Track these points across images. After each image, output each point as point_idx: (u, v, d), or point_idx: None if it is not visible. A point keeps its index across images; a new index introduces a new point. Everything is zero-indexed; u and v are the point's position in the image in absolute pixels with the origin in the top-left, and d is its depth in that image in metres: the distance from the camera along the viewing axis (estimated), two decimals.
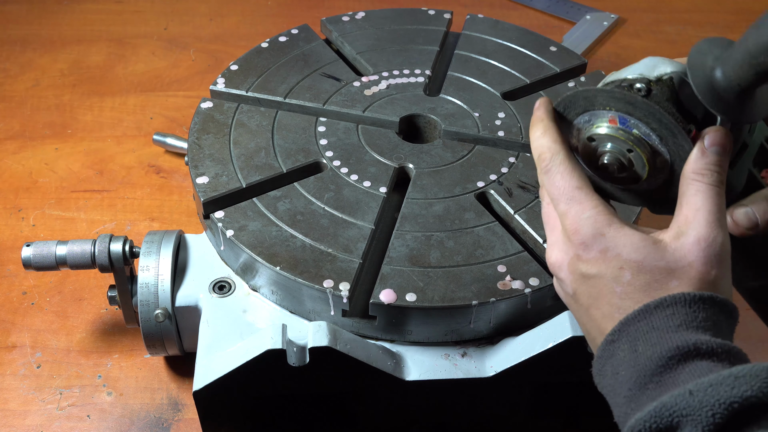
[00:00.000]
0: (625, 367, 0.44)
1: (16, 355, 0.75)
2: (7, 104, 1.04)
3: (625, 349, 0.44)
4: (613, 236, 0.47)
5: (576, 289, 0.48)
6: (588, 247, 0.47)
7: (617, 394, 0.44)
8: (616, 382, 0.44)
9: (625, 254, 0.46)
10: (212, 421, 0.63)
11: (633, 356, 0.43)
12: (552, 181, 0.50)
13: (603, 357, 0.45)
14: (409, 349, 0.63)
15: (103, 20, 1.21)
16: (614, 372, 0.44)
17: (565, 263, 0.49)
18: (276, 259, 0.63)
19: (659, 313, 0.44)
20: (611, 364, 0.45)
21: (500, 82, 0.83)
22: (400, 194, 0.71)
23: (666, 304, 0.44)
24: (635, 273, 0.45)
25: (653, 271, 0.45)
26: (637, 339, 0.44)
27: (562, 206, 0.49)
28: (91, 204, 0.90)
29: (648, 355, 0.43)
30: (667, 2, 1.29)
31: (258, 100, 0.79)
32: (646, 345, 0.43)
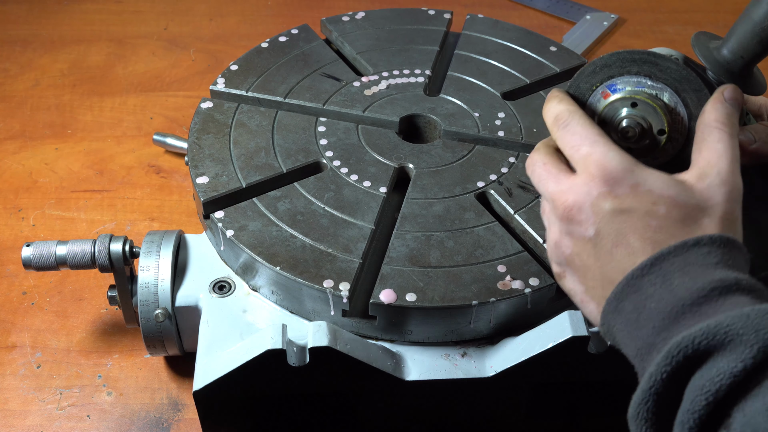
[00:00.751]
0: (656, 300, 0.43)
1: (16, 355, 0.75)
2: (7, 104, 1.04)
3: (656, 283, 0.43)
4: (642, 173, 0.47)
5: (600, 229, 0.47)
6: (618, 182, 0.47)
7: (640, 327, 0.43)
8: (640, 316, 0.43)
9: (657, 189, 0.46)
10: (212, 421, 0.63)
11: (667, 289, 0.43)
12: (573, 131, 0.50)
13: (625, 292, 0.45)
14: (409, 349, 0.63)
15: (103, 20, 1.21)
16: (638, 307, 0.44)
17: (587, 203, 0.48)
18: (276, 259, 0.63)
19: (697, 250, 0.44)
20: (633, 299, 0.44)
21: (500, 82, 0.83)
22: (400, 194, 0.71)
23: (704, 242, 0.44)
24: (669, 207, 0.46)
25: (686, 206, 0.46)
26: (672, 273, 0.43)
27: (584, 149, 0.49)
28: (91, 204, 0.90)
29: (687, 286, 0.42)
30: (667, 2, 1.29)
31: (258, 100, 0.79)
32: (684, 278, 0.43)
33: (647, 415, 0.41)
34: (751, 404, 0.37)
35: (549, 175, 0.51)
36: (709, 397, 0.38)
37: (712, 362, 0.39)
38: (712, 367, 0.38)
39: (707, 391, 0.38)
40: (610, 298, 0.46)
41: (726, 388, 0.38)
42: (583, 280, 0.49)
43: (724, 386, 0.38)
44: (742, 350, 0.38)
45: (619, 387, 0.65)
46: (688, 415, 0.39)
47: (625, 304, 0.45)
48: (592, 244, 0.48)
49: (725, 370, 0.38)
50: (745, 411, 0.37)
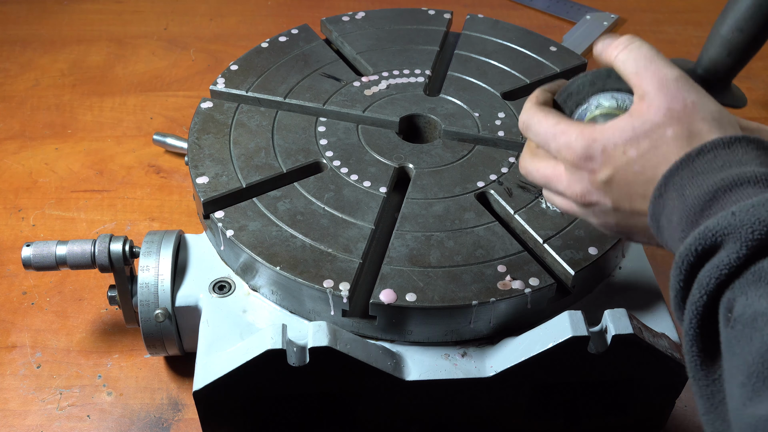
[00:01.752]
0: (677, 213, 0.45)
1: (16, 355, 0.75)
2: (7, 104, 1.04)
3: (673, 197, 0.46)
4: (602, 134, 0.49)
5: (612, 197, 0.50)
6: (591, 157, 0.50)
7: (674, 239, 0.46)
8: (671, 229, 0.46)
9: (619, 140, 0.49)
10: (212, 421, 0.64)
11: (681, 201, 0.45)
12: (535, 131, 0.54)
13: (655, 214, 0.47)
14: (409, 349, 0.63)
15: (103, 20, 1.21)
16: (668, 221, 0.46)
17: (588, 186, 0.51)
18: (276, 259, 0.63)
19: (700, 159, 0.45)
20: (665, 216, 0.47)
21: (500, 82, 0.83)
22: (400, 194, 0.71)
23: (706, 149, 0.46)
24: (636, 145, 0.48)
25: (646, 133, 0.48)
26: (683, 186, 0.45)
27: (552, 145, 0.52)
28: (91, 204, 0.90)
29: (696, 194, 0.44)
30: (667, 2, 1.29)
31: (258, 100, 0.79)
32: (693, 188, 0.45)
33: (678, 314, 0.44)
34: (752, 290, 0.39)
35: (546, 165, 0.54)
36: (702, 290, 0.41)
37: (709, 262, 0.42)
38: (707, 265, 0.42)
39: (701, 285, 0.41)
40: (649, 223, 0.49)
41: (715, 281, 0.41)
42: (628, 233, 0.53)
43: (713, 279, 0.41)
44: (731, 246, 0.40)
45: (619, 387, 0.66)
46: (690, 306, 0.42)
47: (662, 222, 0.47)
48: (615, 211, 0.51)
49: (714, 265, 0.41)
50: (747, 295, 0.39)
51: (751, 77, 1.12)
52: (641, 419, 0.68)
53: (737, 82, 1.09)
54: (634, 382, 0.65)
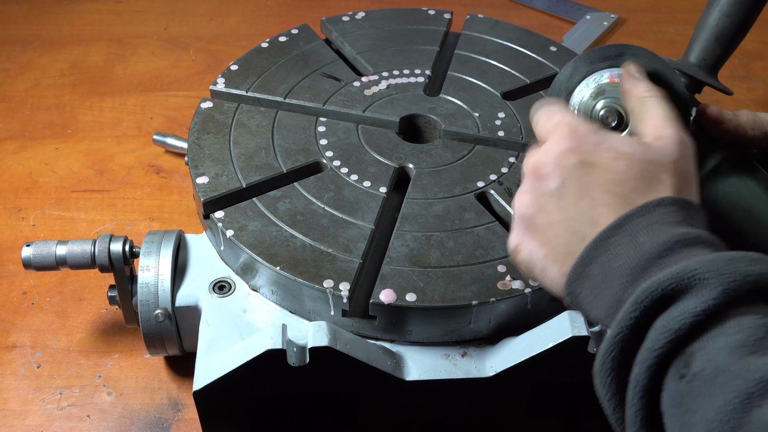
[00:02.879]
0: (623, 258, 0.44)
1: (16, 355, 0.75)
2: (7, 104, 1.04)
3: (623, 242, 0.45)
4: (605, 133, 0.50)
5: (565, 180, 0.49)
6: (584, 139, 0.50)
7: (607, 286, 0.44)
8: (608, 276, 0.45)
9: (618, 147, 0.49)
10: (212, 421, 0.64)
11: (632, 246, 0.44)
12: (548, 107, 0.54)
13: (591, 255, 0.46)
14: (409, 349, 0.63)
15: (103, 20, 1.21)
16: (604, 268, 0.45)
17: (551, 158, 0.50)
18: (276, 259, 0.63)
19: (660, 210, 0.46)
20: (600, 261, 0.45)
21: (500, 82, 0.83)
22: (400, 194, 0.71)
23: (666, 203, 0.46)
24: (629, 163, 0.48)
25: (644, 162, 0.48)
26: (637, 232, 0.45)
27: (557, 117, 0.52)
28: (91, 204, 0.90)
29: (652, 241, 0.44)
30: (667, 2, 1.29)
31: (258, 100, 0.79)
32: (649, 235, 0.44)
33: (612, 364, 0.41)
34: (713, 343, 0.38)
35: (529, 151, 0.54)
36: (670, 335, 0.39)
37: (676, 305, 0.40)
38: (675, 308, 0.40)
39: (669, 330, 0.39)
40: (575, 264, 0.47)
41: (687, 327, 0.39)
42: (544, 240, 0.50)
43: (685, 325, 0.39)
44: (706, 292, 0.39)
45: None
46: (648, 353, 0.40)
47: (591, 269, 0.46)
48: (557, 197, 0.49)
49: (687, 310, 0.39)
50: (707, 349, 0.38)
51: (751, 77, 1.12)
52: None
53: (738, 82, 1.10)
54: None
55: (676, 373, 0.39)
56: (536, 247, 0.50)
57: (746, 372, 0.36)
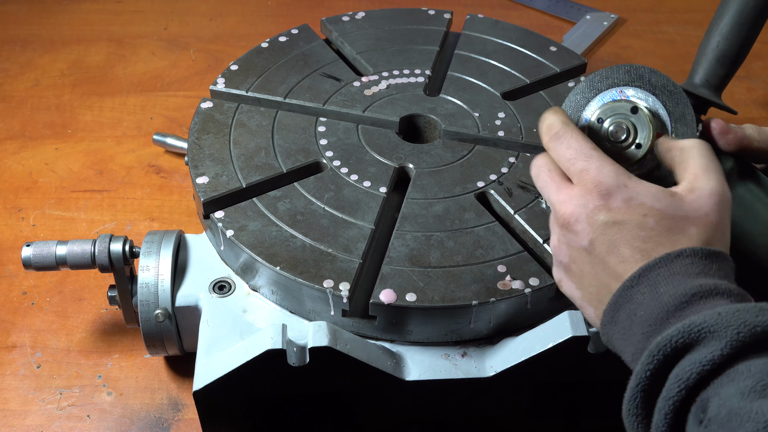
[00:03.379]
0: (645, 308, 0.46)
1: (16, 355, 0.75)
2: (7, 104, 1.04)
3: (644, 292, 0.47)
4: (635, 187, 0.50)
5: (594, 239, 0.50)
6: (612, 196, 0.50)
7: (632, 334, 0.47)
8: (632, 324, 0.47)
9: (648, 202, 0.49)
10: (212, 421, 0.64)
11: (654, 297, 0.46)
12: (567, 144, 0.53)
13: (619, 303, 0.48)
14: (409, 349, 0.63)
15: (103, 20, 1.21)
16: (630, 315, 0.47)
17: (583, 215, 0.51)
18: (276, 259, 0.63)
19: (680, 261, 0.47)
20: (626, 309, 0.48)
21: (500, 82, 0.83)
22: (400, 194, 0.71)
23: (686, 254, 0.47)
24: (658, 219, 0.49)
25: (674, 218, 0.49)
26: (658, 283, 0.47)
27: (580, 164, 0.52)
28: (91, 204, 0.90)
29: (671, 293, 0.46)
30: (667, 2, 1.29)
31: (258, 100, 0.79)
32: (668, 286, 0.46)
33: (637, 410, 0.44)
34: (726, 389, 0.40)
35: (552, 182, 0.54)
36: (681, 384, 0.42)
37: (687, 357, 0.42)
38: (686, 360, 0.42)
39: (680, 379, 0.42)
40: (606, 310, 0.49)
41: (696, 376, 0.41)
42: (579, 286, 0.53)
43: (694, 374, 0.41)
44: (713, 344, 0.41)
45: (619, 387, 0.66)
46: (664, 401, 0.42)
47: (619, 314, 0.48)
48: (587, 253, 0.51)
49: (697, 360, 0.41)
50: (720, 395, 0.40)
51: (751, 77, 1.12)
52: None
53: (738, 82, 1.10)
54: None
55: (695, 418, 0.41)
56: (573, 288, 0.54)
57: (755, 415, 0.38)
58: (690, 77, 0.63)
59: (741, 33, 0.61)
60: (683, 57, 1.15)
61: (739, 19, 0.61)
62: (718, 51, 0.61)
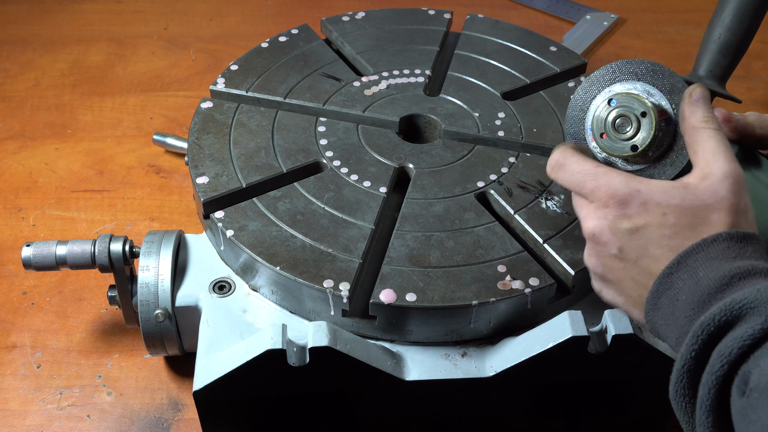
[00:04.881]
0: (686, 292, 0.47)
1: (16, 355, 0.75)
2: (7, 104, 1.04)
3: (684, 278, 0.48)
4: (648, 189, 0.51)
5: (622, 246, 0.52)
6: (628, 204, 0.51)
7: (676, 318, 0.48)
8: (675, 309, 0.48)
9: (664, 202, 0.50)
10: (212, 421, 0.64)
11: (694, 281, 0.47)
12: (571, 170, 0.55)
13: (660, 291, 0.49)
14: (409, 349, 0.63)
15: (103, 20, 1.21)
16: (672, 301, 0.48)
17: (606, 227, 0.52)
18: (276, 259, 0.63)
19: (716, 246, 0.48)
20: (668, 295, 0.48)
21: (500, 82, 0.83)
22: (400, 194, 0.71)
23: (722, 238, 0.48)
24: (678, 215, 0.50)
25: (693, 209, 0.50)
26: (696, 268, 0.48)
27: (589, 184, 0.53)
28: (91, 204, 0.90)
29: (711, 277, 0.47)
30: (667, 2, 1.29)
31: (258, 100, 0.79)
32: (707, 270, 0.47)
33: (684, 391, 0.45)
34: (766, 360, 0.41)
35: (578, 201, 0.56)
36: (723, 359, 0.43)
37: (730, 333, 0.43)
38: (728, 337, 0.43)
39: (722, 355, 0.43)
40: (648, 298, 0.50)
41: (738, 351, 0.42)
42: (619, 292, 0.54)
43: (735, 349, 0.42)
44: (755, 319, 0.42)
45: (619, 387, 0.66)
46: (708, 376, 0.43)
47: (662, 301, 0.49)
48: (618, 260, 0.53)
49: (738, 336, 0.42)
50: (761, 366, 0.41)
51: (751, 77, 1.12)
52: (641, 419, 0.68)
53: (738, 82, 1.10)
54: (634, 382, 0.65)
55: (738, 391, 0.42)
56: (614, 295, 0.55)
57: None
58: (694, 69, 0.64)
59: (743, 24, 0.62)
60: (683, 57, 1.15)
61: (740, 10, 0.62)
62: (721, 42, 0.62)
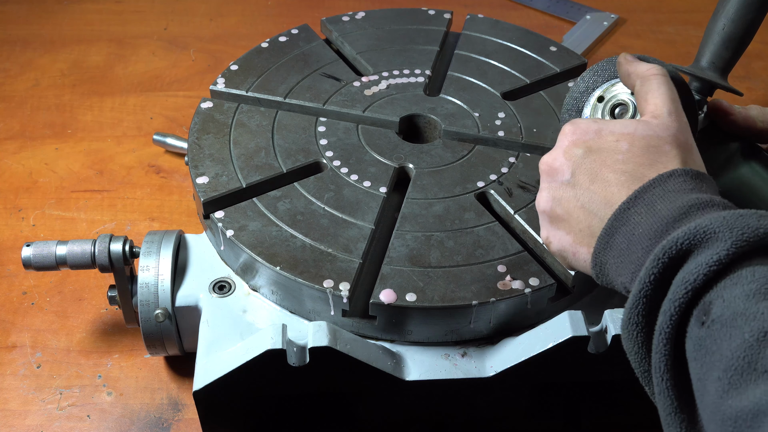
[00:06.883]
0: (643, 225, 0.47)
1: (16, 355, 0.75)
2: (7, 104, 1.04)
3: (641, 213, 0.48)
4: (605, 122, 0.54)
5: (575, 170, 0.53)
6: (585, 131, 0.54)
7: (631, 253, 0.47)
8: (630, 243, 0.48)
9: (617, 130, 0.53)
10: (212, 421, 0.64)
11: (651, 214, 0.47)
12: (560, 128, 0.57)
13: (615, 226, 0.49)
14: (409, 349, 0.63)
15: (103, 20, 1.21)
16: (627, 237, 0.48)
17: (561, 154, 0.54)
18: (276, 259, 0.63)
19: (673, 180, 0.48)
20: (623, 231, 0.48)
21: (500, 82, 0.83)
22: (400, 194, 0.71)
23: (677, 174, 0.49)
24: (631, 142, 0.51)
25: (646, 138, 0.51)
26: (654, 201, 0.48)
27: (565, 128, 0.55)
28: (91, 204, 0.90)
29: (669, 207, 0.47)
30: (667, 2, 1.29)
31: (258, 100, 0.79)
32: (665, 203, 0.47)
33: (638, 318, 0.45)
34: (730, 291, 0.41)
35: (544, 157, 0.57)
36: (687, 286, 0.42)
37: (692, 258, 0.43)
38: (691, 262, 0.43)
39: (686, 281, 0.42)
40: (600, 236, 0.50)
41: (703, 278, 0.42)
42: (568, 229, 0.53)
43: (701, 276, 0.42)
44: (718, 245, 0.42)
45: (619, 387, 0.66)
46: (669, 303, 0.42)
47: (615, 238, 0.49)
48: (570, 187, 0.53)
49: (702, 262, 0.42)
50: (724, 297, 0.41)
51: (751, 77, 1.12)
52: (641, 419, 0.68)
53: (738, 82, 1.10)
54: (634, 382, 0.64)
55: (697, 320, 0.41)
56: (563, 235, 0.54)
57: (761, 315, 0.39)
58: (696, 60, 0.64)
59: (746, 16, 0.63)
60: (683, 57, 1.15)
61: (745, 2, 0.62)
62: (724, 34, 0.63)
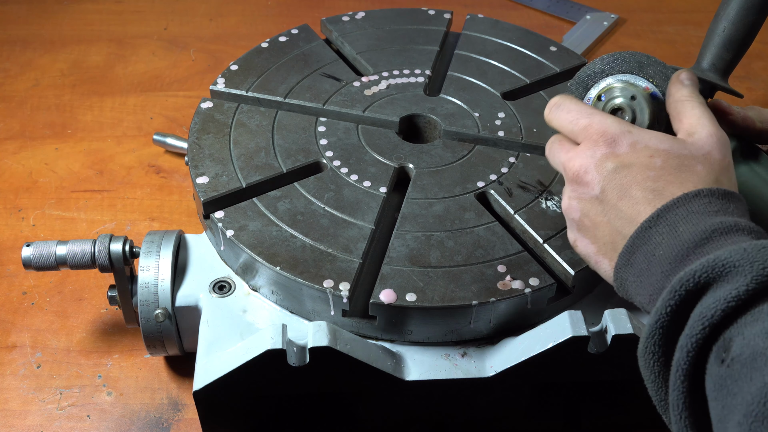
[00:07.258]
0: (664, 247, 0.46)
1: (16, 355, 0.75)
2: (7, 104, 1.04)
3: (663, 232, 0.47)
4: (638, 132, 0.52)
5: (605, 186, 0.51)
6: (617, 142, 0.52)
7: (651, 274, 0.47)
8: (651, 264, 0.47)
9: (653, 145, 0.51)
10: (212, 421, 0.64)
11: (673, 236, 0.46)
12: (567, 108, 0.56)
13: (636, 244, 0.48)
14: (409, 349, 0.63)
15: (103, 20, 1.21)
16: (648, 256, 0.47)
17: (592, 165, 0.52)
18: (276, 259, 0.63)
19: (697, 201, 0.47)
20: (643, 250, 0.48)
21: (500, 82, 0.83)
22: (400, 194, 0.71)
23: (703, 194, 0.47)
24: (665, 159, 0.50)
25: (680, 157, 0.50)
26: (677, 222, 0.47)
27: (583, 121, 0.54)
28: (91, 204, 0.90)
29: (691, 231, 0.46)
30: (667, 2, 1.29)
31: (258, 100, 0.79)
32: (688, 225, 0.46)
33: (654, 348, 0.44)
34: (750, 329, 0.39)
35: (561, 148, 0.56)
36: (705, 321, 0.41)
37: (711, 292, 0.41)
38: (710, 296, 0.41)
39: (704, 317, 0.41)
40: (621, 253, 0.49)
41: (721, 314, 0.40)
42: (593, 239, 0.53)
43: (719, 311, 0.40)
44: (738, 280, 0.40)
45: (619, 387, 0.66)
46: (687, 339, 0.41)
47: (636, 257, 0.48)
48: (598, 202, 0.52)
49: (721, 297, 0.40)
50: (744, 334, 0.39)
51: (751, 77, 1.12)
52: (641, 419, 0.68)
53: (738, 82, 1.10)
54: (634, 382, 0.65)
55: (717, 358, 0.40)
56: (588, 243, 0.54)
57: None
58: (697, 62, 0.64)
59: (747, 18, 0.63)
60: (683, 57, 1.15)
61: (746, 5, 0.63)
62: (725, 36, 0.63)
